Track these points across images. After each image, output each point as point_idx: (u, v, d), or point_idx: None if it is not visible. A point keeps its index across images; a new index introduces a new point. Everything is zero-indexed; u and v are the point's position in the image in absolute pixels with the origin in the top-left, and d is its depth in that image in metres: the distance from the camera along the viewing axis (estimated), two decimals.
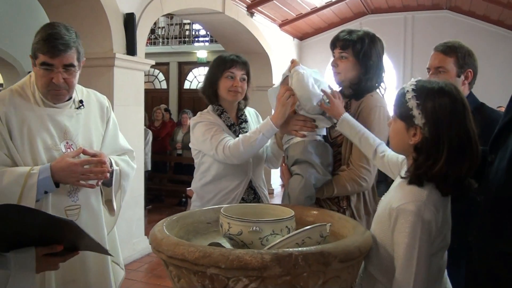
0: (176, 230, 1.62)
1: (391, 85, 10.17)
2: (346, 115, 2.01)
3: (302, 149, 2.10)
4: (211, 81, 2.43)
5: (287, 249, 1.28)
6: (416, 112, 1.45)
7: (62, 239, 1.47)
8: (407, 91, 1.49)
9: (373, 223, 1.60)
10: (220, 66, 2.40)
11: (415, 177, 1.46)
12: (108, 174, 1.96)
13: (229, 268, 1.23)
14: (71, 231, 1.43)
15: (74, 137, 1.99)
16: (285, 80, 2.17)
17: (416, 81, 1.51)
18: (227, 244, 1.61)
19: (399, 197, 1.46)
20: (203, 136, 2.32)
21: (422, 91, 1.47)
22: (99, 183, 1.97)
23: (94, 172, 1.91)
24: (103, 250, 1.60)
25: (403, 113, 1.50)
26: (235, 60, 2.41)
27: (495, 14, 8.95)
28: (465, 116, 1.44)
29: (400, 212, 1.42)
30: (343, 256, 1.31)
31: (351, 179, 2.09)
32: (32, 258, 1.43)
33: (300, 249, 1.29)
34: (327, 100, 2.06)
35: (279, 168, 2.43)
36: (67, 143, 1.96)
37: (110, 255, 1.75)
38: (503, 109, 5.52)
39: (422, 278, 1.38)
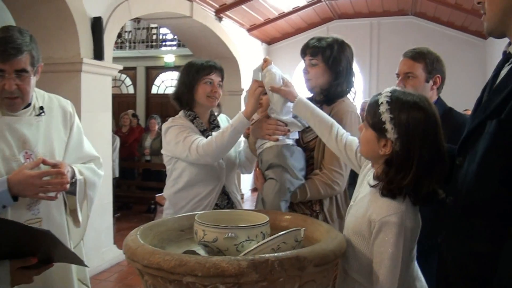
0: (149, 238, 1.59)
1: (358, 89, 10.31)
2: (301, 96, 2.04)
3: (276, 153, 2.10)
4: (189, 86, 2.40)
5: (263, 255, 1.28)
6: (389, 126, 1.45)
7: (36, 251, 1.42)
8: (382, 102, 1.48)
9: (349, 231, 1.60)
10: (199, 72, 2.39)
11: (388, 191, 1.47)
12: (68, 186, 1.86)
13: (205, 276, 1.22)
14: (47, 242, 1.39)
15: (34, 146, 1.88)
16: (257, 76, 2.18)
17: (391, 92, 1.50)
18: (201, 252, 1.60)
19: (379, 208, 1.47)
20: (176, 139, 2.30)
21: (397, 104, 1.46)
22: (58, 195, 1.88)
23: (53, 184, 1.81)
24: (79, 261, 1.55)
25: (376, 124, 1.50)
26: (214, 66, 2.42)
27: (459, 20, 9.22)
28: (436, 132, 1.45)
29: (383, 224, 1.43)
30: (318, 260, 1.32)
31: (324, 183, 2.12)
32: (6, 272, 1.38)
33: (276, 254, 1.29)
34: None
35: (253, 173, 2.43)
36: (26, 153, 1.85)
37: (86, 266, 1.70)
38: (469, 112, 5.66)
39: (402, 277, 1.42)
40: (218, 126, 2.50)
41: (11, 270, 1.39)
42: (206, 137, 2.37)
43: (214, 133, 2.25)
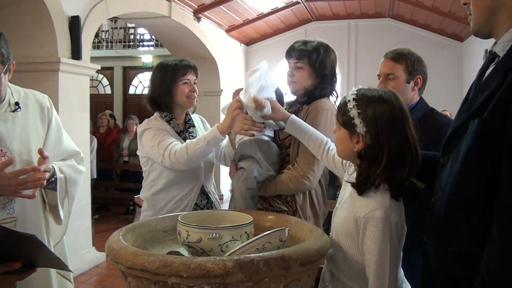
0: (132, 240, 1.58)
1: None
2: (293, 116, 2.06)
3: (248, 145, 2.17)
4: (167, 88, 2.37)
5: (249, 255, 1.28)
6: (357, 121, 1.51)
7: (20, 256, 1.39)
8: (349, 100, 1.54)
9: (337, 233, 1.60)
10: (175, 73, 2.37)
11: (357, 184, 1.52)
12: (44, 182, 1.83)
13: (191, 277, 1.21)
14: (32, 246, 1.37)
15: (9, 143, 1.83)
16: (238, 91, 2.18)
17: (357, 90, 1.56)
18: (185, 252, 1.59)
19: (363, 205, 1.49)
20: (151, 142, 2.28)
21: (363, 100, 1.52)
22: (36, 192, 1.84)
23: (30, 181, 1.77)
24: (63, 266, 1.53)
25: (346, 122, 1.55)
26: (189, 66, 2.40)
27: (436, 23, 9.36)
28: (404, 123, 1.50)
29: (368, 220, 1.45)
30: (303, 260, 1.32)
31: (294, 177, 2.14)
32: None
33: (261, 254, 1.29)
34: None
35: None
36: (1, 150, 1.81)
37: (70, 271, 1.67)
38: (447, 113, 5.72)
39: (394, 277, 1.45)
40: (193, 126, 2.50)
41: None
42: (183, 138, 2.38)
43: (188, 141, 2.23)
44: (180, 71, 2.37)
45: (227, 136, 2.46)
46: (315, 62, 2.20)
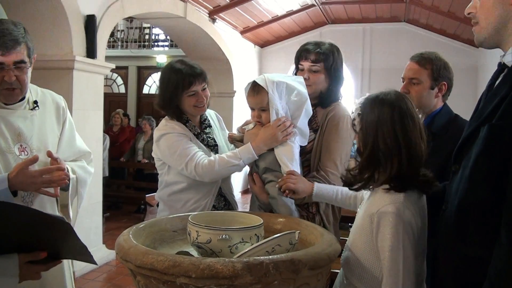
0: (142, 238, 1.58)
1: (350, 94, 10.35)
2: (316, 187, 1.99)
3: (272, 159, 2.08)
4: (172, 101, 2.26)
5: (258, 257, 1.27)
6: (356, 120, 1.60)
7: (46, 244, 1.40)
8: (356, 103, 1.64)
9: (353, 234, 1.62)
10: (178, 87, 2.22)
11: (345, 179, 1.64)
12: (67, 181, 1.88)
13: (199, 278, 1.21)
14: (60, 231, 1.37)
15: (28, 139, 1.89)
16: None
17: (365, 97, 1.63)
18: (194, 253, 1.59)
19: (377, 202, 1.51)
20: (170, 149, 2.21)
21: (364, 103, 1.60)
22: (58, 191, 1.88)
23: (55, 181, 1.81)
24: (88, 256, 1.52)
25: (353, 124, 1.65)
26: (193, 75, 2.24)
27: (451, 28, 9.28)
28: (404, 124, 1.51)
29: (381, 215, 1.46)
30: (312, 264, 1.31)
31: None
32: (15, 265, 1.38)
33: (270, 257, 1.28)
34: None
35: (242, 176, 2.40)
36: (21, 146, 1.87)
37: (95, 263, 1.68)
38: None
39: (411, 281, 1.42)
40: (209, 126, 2.42)
41: (20, 264, 1.39)
42: (201, 140, 2.32)
43: (217, 156, 2.16)
44: (183, 83, 2.22)
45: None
46: (331, 65, 2.19)
